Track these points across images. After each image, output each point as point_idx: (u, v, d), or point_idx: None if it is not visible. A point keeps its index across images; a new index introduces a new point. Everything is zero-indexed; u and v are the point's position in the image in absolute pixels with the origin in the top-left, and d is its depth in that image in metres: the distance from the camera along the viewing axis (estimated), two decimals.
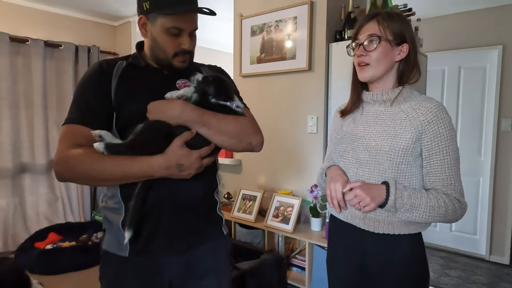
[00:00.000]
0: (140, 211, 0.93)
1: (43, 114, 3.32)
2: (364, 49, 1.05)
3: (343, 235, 1.16)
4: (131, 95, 0.96)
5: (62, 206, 3.45)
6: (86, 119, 0.93)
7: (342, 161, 1.15)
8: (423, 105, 1.03)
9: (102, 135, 0.90)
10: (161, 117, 0.92)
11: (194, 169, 0.91)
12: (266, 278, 2.00)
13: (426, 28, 3.23)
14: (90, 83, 0.97)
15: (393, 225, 1.04)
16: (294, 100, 2.41)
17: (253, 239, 2.40)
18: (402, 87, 1.07)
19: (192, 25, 0.98)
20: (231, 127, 0.96)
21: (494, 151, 3.31)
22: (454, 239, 3.59)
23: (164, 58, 0.99)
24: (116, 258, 0.98)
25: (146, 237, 0.96)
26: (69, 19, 3.59)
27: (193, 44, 1.01)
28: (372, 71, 1.06)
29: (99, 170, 0.89)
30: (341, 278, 1.17)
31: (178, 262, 1.00)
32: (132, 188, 0.93)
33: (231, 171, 2.83)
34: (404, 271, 1.05)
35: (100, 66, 0.99)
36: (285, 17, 2.39)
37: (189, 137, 0.91)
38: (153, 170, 0.89)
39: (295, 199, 2.24)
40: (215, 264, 1.07)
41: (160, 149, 0.90)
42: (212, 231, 1.08)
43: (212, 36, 4.27)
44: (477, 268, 3.19)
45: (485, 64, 3.37)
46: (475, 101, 3.45)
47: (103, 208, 1.03)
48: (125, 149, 0.90)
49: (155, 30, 0.96)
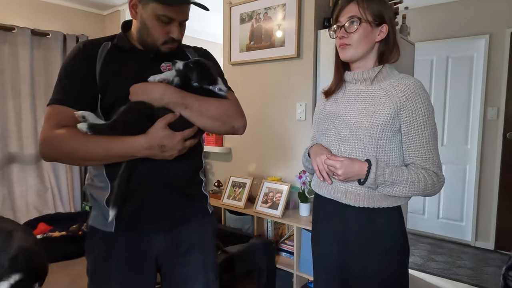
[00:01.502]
0: (125, 190, 0.94)
1: (30, 103, 3.29)
2: (346, 30, 1.08)
3: (326, 211, 1.19)
4: (115, 77, 0.96)
5: (51, 197, 3.43)
6: (71, 99, 0.93)
7: (325, 139, 1.18)
8: (401, 82, 1.06)
9: (85, 116, 0.90)
10: (144, 99, 0.92)
11: (176, 150, 0.93)
12: (255, 262, 2.03)
13: (414, 17, 3.26)
14: (75, 63, 0.97)
15: (373, 199, 1.07)
16: (283, 87, 2.42)
17: (243, 225, 2.42)
18: (382, 66, 1.11)
19: (183, 16, 0.99)
20: (213, 110, 0.97)
21: (480, 139, 3.38)
22: (441, 226, 3.67)
23: (152, 43, 0.99)
24: (102, 233, 1.00)
25: (132, 215, 0.98)
26: (57, 7, 3.54)
27: (182, 34, 1.03)
28: (353, 51, 1.10)
29: (82, 150, 0.90)
30: (325, 253, 1.20)
31: (164, 239, 1.03)
32: (117, 168, 0.94)
33: (221, 159, 2.84)
34: (385, 244, 1.08)
35: (84, 46, 0.99)
36: (274, 4, 2.39)
37: (173, 119, 0.92)
38: (135, 150, 0.90)
39: (284, 185, 2.27)
40: (200, 241, 1.10)
41: (143, 130, 0.91)
42: (197, 209, 1.11)
43: (202, 26, 4.25)
44: (463, 254, 3.26)
45: (472, 53, 3.42)
46: (462, 90, 3.50)
47: (89, 186, 1.04)
48: (107, 129, 0.91)
49: (145, 14, 0.96)
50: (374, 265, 1.09)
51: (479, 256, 3.21)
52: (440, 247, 3.44)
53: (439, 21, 3.52)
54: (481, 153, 3.38)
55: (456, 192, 3.57)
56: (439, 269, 2.92)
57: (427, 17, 3.56)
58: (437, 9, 3.52)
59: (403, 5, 2.47)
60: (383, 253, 1.08)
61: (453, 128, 3.57)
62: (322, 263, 1.23)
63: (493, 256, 3.20)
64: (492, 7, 3.25)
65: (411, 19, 2.78)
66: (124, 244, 1.00)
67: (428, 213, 3.75)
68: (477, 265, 3.00)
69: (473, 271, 2.89)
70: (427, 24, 3.57)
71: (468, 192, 3.50)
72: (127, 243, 1.00)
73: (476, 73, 3.40)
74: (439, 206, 3.69)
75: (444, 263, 3.06)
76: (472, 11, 3.35)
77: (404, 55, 2.47)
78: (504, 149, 3.26)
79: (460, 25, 3.43)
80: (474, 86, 3.43)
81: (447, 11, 3.48)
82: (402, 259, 1.12)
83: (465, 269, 2.92)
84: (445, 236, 3.64)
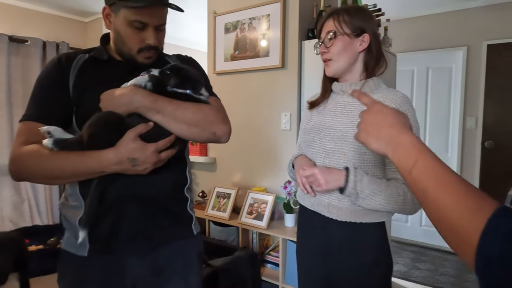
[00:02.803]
0: (97, 209, 0.88)
1: (7, 112, 3.18)
2: (325, 46, 1.11)
3: (310, 223, 1.18)
4: (90, 89, 0.91)
5: (28, 209, 3.31)
6: (42, 115, 0.88)
7: (310, 151, 1.17)
8: (388, 96, 1.06)
9: (50, 131, 0.84)
10: (112, 105, 0.86)
11: (150, 163, 0.85)
12: (240, 275, 2.00)
13: (395, 29, 3.35)
14: (48, 77, 0.92)
15: (356, 213, 1.07)
16: (267, 97, 2.42)
17: (228, 236, 2.38)
18: (367, 79, 1.11)
19: (158, 20, 0.92)
20: (189, 115, 0.89)
21: (460, 148, 3.46)
22: (424, 234, 3.72)
23: (128, 52, 0.94)
24: (74, 258, 0.92)
25: (107, 236, 0.91)
26: (36, 14, 3.46)
27: (160, 40, 0.96)
28: (335, 65, 1.11)
29: (48, 168, 0.84)
30: (308, 266, 1.19)
31: (142, 263, 0.94)
32: (91, 185, 0.88)
33: (205, 169, 2.81)
34: (367, 258, 1.07)
35: (59, 59, 0.94)
36: (259, 15, 2.40)
37: (145, 130, 0.85)
38: (103, 166, 0.83)
39: (269, 196, 2.25)
40: (183, 265, 1.01)
41: (111, 143, 0.84)
42: (180, 230, 1.02)
43: (186, 34, 4.23)
44: (446, 261, 3.31)
45: (451, 64, 3.52)
46: (442, 100, 3.59)
47: (62, 206, 0.97)
48: (74, 144, 0.85)
49: (118, 22, 0.91)
50: (356, 279, 1.08)
51: (461, 263, 3.26)
52: (424, 254, 3.48)
53: (420, 33, 3.62)
54: (461, 161, 3.46)
55: None
56: (422, 277, 2.95)
57: (408, 29, 3.66)
58: (418, 21, 3.62)
59: (384, 17, 2.53)
60: (365, 267, 1.07)
61: (434, 137, 3.64)
62: (306, 275, 1.21)
63: None
64: (470, 21, 3.36)
65: (393, 31, 2.85)
66: (99, 270, 0.92)
67: (411, 221, 3.80)
68: (459, 272, 3.05)
69: (456, 278, 2.93)
70: (408, 35, 3.66)
71: None
72: (102, 269, 0.92)
73: (455, 83, 3.50)
74: (421, 214, 3.74)
75: (427, 270, 3.09)
76: (451, 24, 3.46)
77: None
78: (483, 158, 3.35)
79: (439, 37, 3.53)
80: (453, 96, 3.52)
81: (427, 23, 3.58)
82: (384, 274, 1.11)
83: (448, 277, 2.96)
84: (428, 243, 3.68)
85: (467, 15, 3.37)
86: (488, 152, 3.33)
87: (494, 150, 3.30)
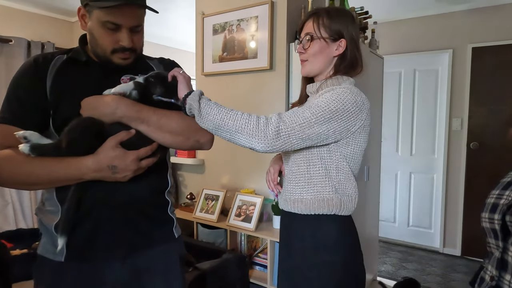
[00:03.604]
0: (74, 215, 0.86)
1: None
2: (303, 47, 1.12)
3: (282, 221, 1.21)
4: (68, 92, 0.89)
5: (12, 212, 3.24)
6: (17, 118, 0.85)
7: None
8: (326, 91, 1.04)
9: (27, 136, 0.81)
10: (94, 114, 0.84)
11: (130, 171, 0.85)
12: (228, 278, 1.99)
13: (383, 31, 3.38)
14: (23, 79, 0.89)
15: (306, 203, 1.06)
16: (255, 99, 2.42)
17: (216, 239, 2.37)
18: (326, 79, 1.10)
19: (131, 21, 0.89)
20: (173, 124, 0.90)
21: (446, 149, 3.51)
22: (411, 234, 3.76)
23: (102, 53, 0.91)
24: (51, 263, 0.90)
25: (84, 241, 0.89)
26: (20, 13, 3.39)
27: (135, 42, 0.93)
28: (309, 67, 1.13)
29: (24, 174, 0.83)
30: (279, 263, 1.21)
31: (122, 268, 0.92)
32: (68, 190, 0.86)
33: (193, 171, 2.79)
34: (324, 256, 1.05)
35: (35, 61, 0.91)
36: (247, 17, 2.40)
37: (126, 137, 0.85)
38: (81, 173, 0.83)
39: (257, 198, 2.24)
40: (164, 269, 1.00)
41: (90, 150, 0.83)
42: (160, 234, 1.00)
43: (174, 34, 4.20)
44: (432, 260, 3.36)
45: (437, 67, 3.57)
46: (428, 102, 3.64)
47: (39, 210, 0.95)
48: (52, 150, 0.83)
49: (92, 23, 0.89)
50: (313, 278, 1.05)
51: (447, 262, 3.31)
52: (411, 254, 3.52)
53: (407, 36, 3.67)
54: (447, 162, 3.51)
55: (424, 200, 3.68)
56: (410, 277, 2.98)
57: (395, 32, 3.70)
58: (404, 24, 3.67)
59: (372, 20, 2.55)
60: (324, 265, 1.04)
61: (421, 138, 3.69)
62: (279, 275, 1.22)
63: (460, 262, 3.31)
64: (455, 24, 3.42)
65: (380, 33, 2.88)
66: (76, 275, 0.90)
67: (398, 221, 3.84)
68: (445, 272, 3.09)
69: (442, 277, 2.97)
70: (395, 38, 3.70)
71: (436, 200, 3.63)
72: (79, 274, 0.90)
73: (441, 85, 3.56)
74: (409, 214, 3.79)
75: (414, 270, 3.13)
76: (437, 27, 3.51)
77: (374, 68, 2.54)
78: (468, 159, 3.41)
79: (426, 40, 3.58)
80: (440, 98, 3.58)
81: (413, 26, 3.63)
82: (340, 275, 1.05)
83: (434, 276, 3.00)
84: (415, 243, 3.73)
85: (452, 18, 3.42)
86: (473, 153, 3.39)
87: (479, 151, 3.36)
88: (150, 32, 4.08)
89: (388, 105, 3.73)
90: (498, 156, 3.25)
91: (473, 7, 3.29)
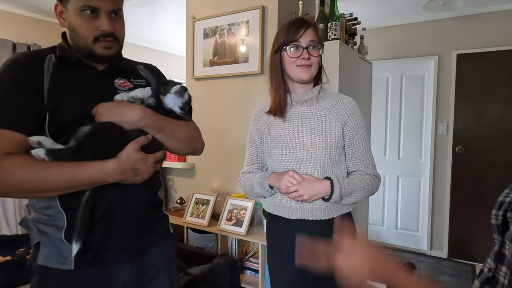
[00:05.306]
0: (90, 221, 0.86)
1: None
2: (309, 53, 1.17)
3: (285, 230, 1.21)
4: (67, 95, 0.87)
5: None
6: (15, 122, 0.81)
7: (282, 164, 1.20)
8: (340, 101, 1.20)
9: (41, 142, 0.80)
10: (117, 120, 0.86)
11: (148, 173, 0.90)
12: (219, 283, 1.97)
13: (371, 37, 3.44)
14: (16, 79, 0.83)
15: (326, 211, 1.16)
16: (246, 103, 2.42)
17: (206, 243, 2.35)
18: (319, 86, 1.23)
19: (109, 4, 0.89)
20: (184, 133, 1.00)
21: (432, 153, 3.58)
22: (399, 236, 3.81)
23: (84, 45, 0.90)
24: (59, 273, 0.87)
25: (97, 247, 0.89)
26: (5, 14, 3.32)
27: (117, 28, 0.92)
28: (312, 72, 1.20)
29: (43, 180, 0.79)
30: (287, 273, 1.20)
31: (131, 268, 0.96)
32: (74, 196, 0.84)
33: (184, 176, 2.76)
34: None
35: (26, 59, 0.86)
36: (238, 21, 2.41)
37: (146, 142, 0.89)
38: (106, 176, 0.83)
39: (248, 202, 2.24)
40: (165, 263, 1.06)
41: (112, 153, 0.85)
42: (160, 231, 1.07)
43: (165, 38, 4.18)
44: (420, 263, 3.40)
45: (423, 72, 3.65)
46: (415, 106, 3.71)
47: (34, 221, 0.91)
48: (70, 154, 0.82)
49: (70, 15, 0.88)
50: None
51: (434, 264, 3.37)
52: (399, 256, 3.56)
53: (394, 42, 3.74)
54: (433, 166, 3.58)
55: (412, 203, 3.74)
56: None
57: (383, 38, 3.77)
58: (392, 30, 3.74)
59: (361, 26, 2.59)
60: None
61: (408, 142, 3.76)
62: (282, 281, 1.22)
63: (447, 264, 3.37)
64: (441, 31, 3.51)
65: (369, 39, 2.93)
66: (88, 281, 0.89)
67: (387, 224, 3.89)
68: (433, 273, 3.14)
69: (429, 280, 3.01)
70: (383, 44, 3.77)
71: (423, 203, 3.69)
72: (91, 279, 0.89)
73: (428, 90, 3.63)
74: (397, 217, 3.84)
75: None
76: (423, 33, 3.59)
77: (363, 73, 2.58)
78: (454, 162, 3.49)
79: (412, 46, 3.66)
80: (426, 103, 3.65)
81: (401, 32, 3.70)
82: None
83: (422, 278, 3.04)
84: (403, 246, 3.78)
85: (438, 25, 3.51)
86: (458, 156, 3.47)
87: (464, 154, 3.44)
88: (139, 35, 4.06)
89: (376, 110, 3.79)
90: (482, 160, 3.34)
91: (458, 15, 3.38)
